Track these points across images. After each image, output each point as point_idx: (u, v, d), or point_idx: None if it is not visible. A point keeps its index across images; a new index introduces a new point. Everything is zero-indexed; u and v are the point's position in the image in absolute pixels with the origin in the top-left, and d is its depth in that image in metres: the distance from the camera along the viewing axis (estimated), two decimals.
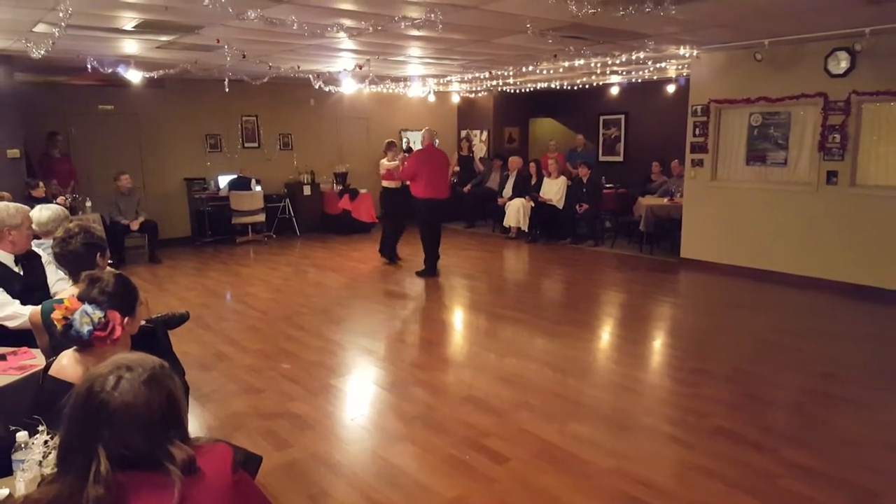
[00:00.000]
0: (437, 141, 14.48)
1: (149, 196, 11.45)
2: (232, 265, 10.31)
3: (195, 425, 4.42)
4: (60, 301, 2.31)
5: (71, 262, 3.18)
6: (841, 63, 7.72)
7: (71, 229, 3.24)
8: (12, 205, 3.88)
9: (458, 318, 7.51)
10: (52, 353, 2.83)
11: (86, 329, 2.17)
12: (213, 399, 4.93)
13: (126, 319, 2.30)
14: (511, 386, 5.13)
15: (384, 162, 10.35)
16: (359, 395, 5.15)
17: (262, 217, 12.39)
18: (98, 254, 3.25)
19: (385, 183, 10.24)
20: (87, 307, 2.20)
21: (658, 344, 6.46)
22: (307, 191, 13.32)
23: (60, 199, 8.85)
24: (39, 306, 3.29)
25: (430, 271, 9.23)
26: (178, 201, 12.21)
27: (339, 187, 13.41)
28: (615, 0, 5.62)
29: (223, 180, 12.31)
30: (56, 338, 2.66)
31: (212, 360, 5.78)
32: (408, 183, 9.41)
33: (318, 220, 13.52)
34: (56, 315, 2.21)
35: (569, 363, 5.71)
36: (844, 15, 6.57)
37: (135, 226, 10.25)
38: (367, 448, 4.16)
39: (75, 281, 3.14)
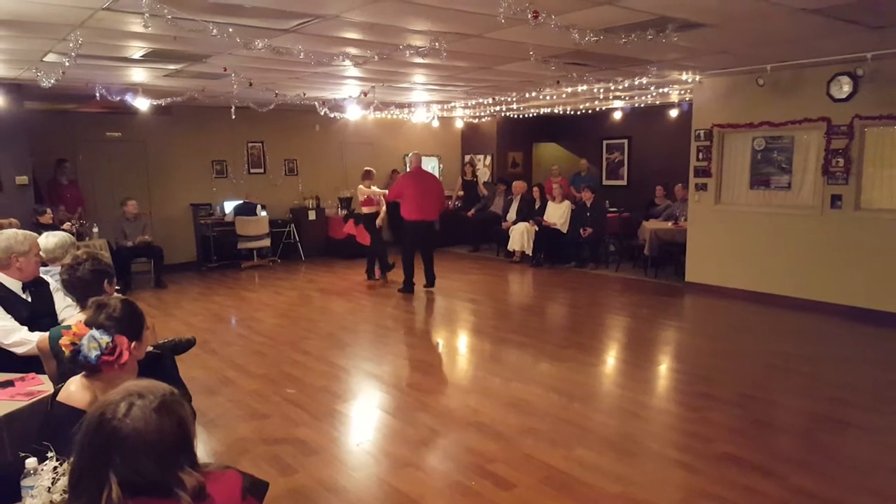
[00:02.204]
0: (441, 166, 14.71)
1: (155, 221, 11.52)
2: (237, 290, 10.33)
3: (201, 451, 4.38)
4: (68, 327, 2.33)
5: (79, 288, 3.21)
6: (843, 88, 7.77)
7: (79, 256, 3.28)
8: (21, 232, 3.91)
9: (462, 343, 7.51)
10: (60, 379, 2.85)
11: (94, 354, 2.18)
12: (219, 424, 4.93)
13: (133, 344, 2.31)
14: (516, 411, 5.11)
15: (363, 188, 10.69)
16: (364, 420, 5.14)
17: (267, 242, 12.43)
18: (105, 280, 3.29)
19: (365, 209, 10.72)
20: (95, 332, 2.21)
21: (663, 368, 6.45)
22: (312, 216, 13.39)
23: (66, 224, 8.91)
24: (47, 333, 3.31)
25: (408, 288, 9.72)
26: (184, 227, 12.28)
27: (344, 212, 13.43)
28: (617, 27, 5.68)
29: (229, 206, 12.38)
30: (64, 364, 2.67)
31: (217, 386, 5.78)
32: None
33: (322, 245, 13.57)
34: (64, 341, 2.23)
35: (574, 388, 5.69)
36: (846, 40, 6.62)
37: (140, 241, 10.33)
38: (373, 474, 4.14)
39: (83, 307, 3.16)
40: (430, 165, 15.83)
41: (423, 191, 9.61)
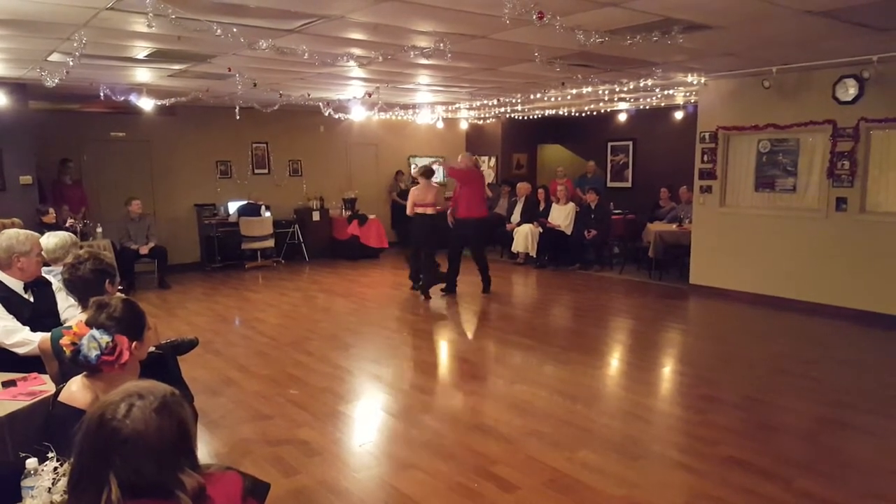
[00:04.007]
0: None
1: (159, 222, 11.52)
2: (241, 290, 10.33)
3: (203, 452, 4.41)
4: (70, 328, 2.32)
5: (79, 288, 3.20)
6: (849, 90, 7.74)
7: (80, 256, 3.26)
8: (23, 232, 3.90)
9: (466, 345, 7.49)
10: (61, 380, 2.84)
11: (94, 354, 2.17)
12: (222, 425, 4.92)
13: (134, 344, 2.30)
14: (520, 413, 5.10)
15: (425, 186, 9.47)
16: (367, 421, 5.13)
17: (271, 243, 12.44)
18: (107, 280, 3.27)
19: (422, 210, 9.43)
20: (95, 332, 2.20)
21: (668, 371, 6.42)
22: (316, 216, 13.40)
23: (70, 220, 8.91)
24: (49, 333, 3.30)
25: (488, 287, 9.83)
26: (188, 227, 12.29)
27: (348, 213, 13.47)
28: (623, 29, 5.67)
29: (233, 206, 12.39)
30: (66, 365, 2.67)
31: (220, 386, 5.77)
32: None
33: (327, 246, 13.57)
34: (65, 341, 2.22)
35: (578, 390, 5.67)
36: (852, 43, 6.59)
37: (144, 250, 10.30)
38: (376, 475, 4.13)
39: (84, 307, 3.15)
40: (434, 166, 15.83)
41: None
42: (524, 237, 12.27)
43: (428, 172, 9.67)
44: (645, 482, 3.97)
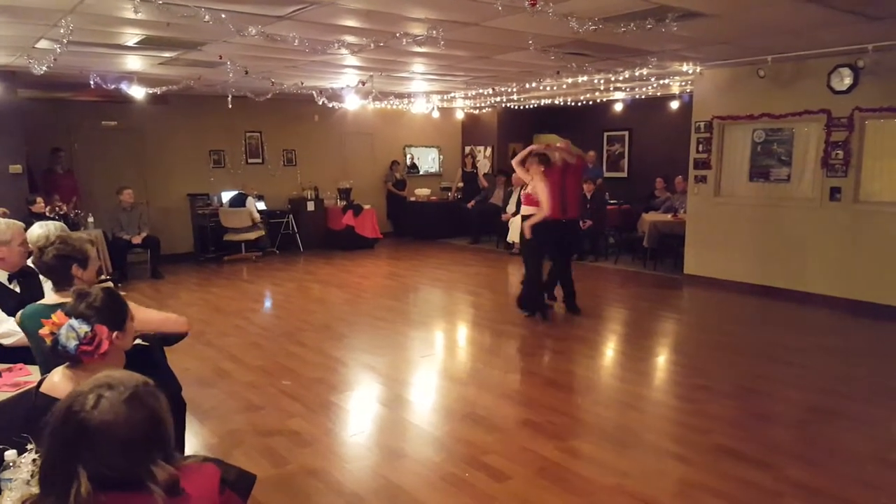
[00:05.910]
0: (441, 157, 14.51)
1: (152, 211, 11.45)
2: (235, 281, 10.29)
3: (195, 442, 4.39)
4: (42, 307, 2.28)
5: (45, 273, 3.16)
6: (844, 79, 7.70)
7: (49, 240, 3.20)
8: (3, 221, 3.83)
9: (460, 334, 7.47)
10: (39, 360, 2.80)
11: (72, 344, 2.13)
12: (213, 416, 4.89)
13: (115, 334, 2.25)
14: (513, 403, 5.08)
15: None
16: (359, 412, 5.10)
17: (252, 235, 12.10)
18: (74, 265, 3.09)
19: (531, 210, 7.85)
20: (74, 322, 2.16)
21: (661, 360, 6.41)
22: (311, 206, 13.33)
23: (50, 205, 8.79)
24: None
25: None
26: (181, 217, 12.21)
27: (343, 203, 13.41)
28: (616, 16, 5.62)
29: (226, 196, 12.31)
30: (35, 340, 2.63)
31: (212, 377, 5.74)
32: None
33: (321, 236, 13.51)
34: (44, 331, 2.19)
35: (571, 380, 5.66)
36: (847, 32, 6.55)
37: (137, 240, 10.23)
38: (367, 466, 4.11)
39: (57, 291, 3.08)
40: (431, 156, 15.80)
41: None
42: (520, 227, 12.19)
43: (545, 160, 7.57)
44: (636, 471, 3.96)
